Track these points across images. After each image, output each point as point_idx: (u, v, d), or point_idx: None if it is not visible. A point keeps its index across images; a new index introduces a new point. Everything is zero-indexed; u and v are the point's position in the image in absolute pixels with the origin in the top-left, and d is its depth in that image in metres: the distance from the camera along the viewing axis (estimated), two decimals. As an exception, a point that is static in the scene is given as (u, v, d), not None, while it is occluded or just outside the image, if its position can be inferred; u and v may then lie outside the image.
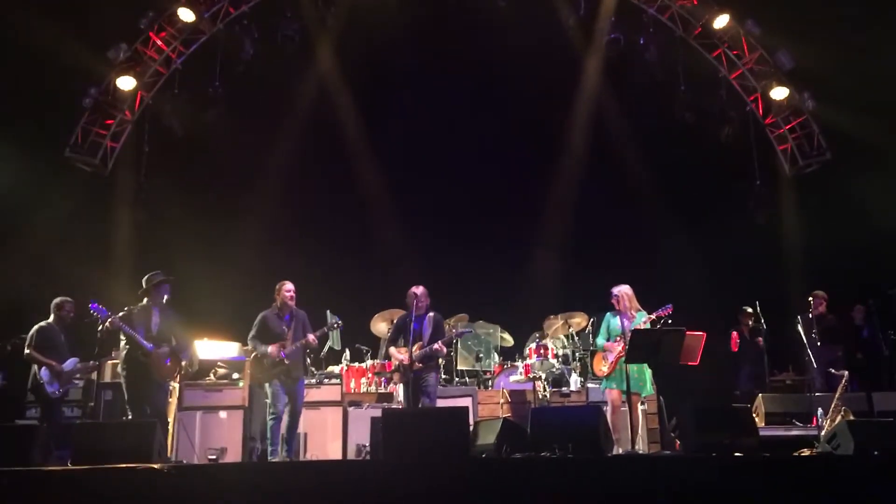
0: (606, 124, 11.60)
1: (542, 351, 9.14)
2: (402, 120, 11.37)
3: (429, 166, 11.41)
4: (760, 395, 8.63)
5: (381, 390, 9.07)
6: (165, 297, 7.73)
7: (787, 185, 11.54)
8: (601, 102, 11.68)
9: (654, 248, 11.00)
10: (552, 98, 11.47)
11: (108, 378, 8.86)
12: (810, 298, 9.34)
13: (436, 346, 7.87)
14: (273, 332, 7.90)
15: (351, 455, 8.23)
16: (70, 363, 8.10)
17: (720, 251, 10.74)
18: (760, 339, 9.48)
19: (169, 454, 7.61)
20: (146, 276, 7.79)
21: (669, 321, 7.28)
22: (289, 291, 7.96)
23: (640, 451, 7.46)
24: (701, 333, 6.92)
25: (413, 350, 7.86)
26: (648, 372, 7.38)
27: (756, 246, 10.90)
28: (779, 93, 11.31)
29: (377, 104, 11.58)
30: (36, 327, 8.10)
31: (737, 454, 5.62)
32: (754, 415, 8.35)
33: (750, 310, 9.60)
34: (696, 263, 10.66)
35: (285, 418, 7.78)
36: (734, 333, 9.98)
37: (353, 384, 9.25)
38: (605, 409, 7.49)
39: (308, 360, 8.62)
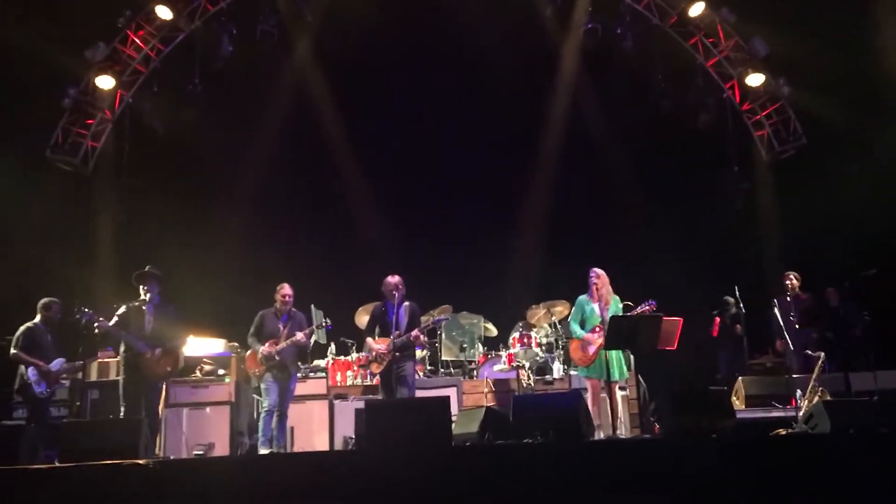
0: (584, 114, 11.68)
1: (525, 340, 9.28)
2: (380, 113, 11.45)
3: (409, 159, 11.47)
4: (740, 378, 8.75)
5: (367, 383, 9.15)
6: (149, 293, 7.74)
7: (763, 171, 11.68)
8: (579, 92, 11.76)
9: (633, 235, 11.11)
10: (530, 88, 11.54)
11: (94, 377, 8.89)
12: (787, 282, 9.50)
13: (413, 333, 7.97)
14: (268, 331, 8.08)
15: (338, 447, 8.32)
16: (57, 363, 8.10)
17: (698, 237, 10.88)
18: (738, 325, 9.65)
19: (157, 451, 7.66)
20: (135, 273, 7.83)
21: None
22: (286, 295, 8.16)
23: (621, 436, 7.57)
24: (678, 319, 7.05)
25: (393, 336, 7.93)
26: (622, 356, 7.53)
27: (734, 231, 11.04)
28: (755, 79, 11.42)
29: (356, 98, 11.59)
30: (22, 328, 8.09)
31: (714, 436, 5.74)
32: (735, 397, 8.49)
33: (731, 299, 9.76)
34: (675, 249, 10.78)
35: (276, 412, 7.89)
36: (717, 318, 10.11)
37: (338, 377, 9.33)
38: (585, 395, 7.59)
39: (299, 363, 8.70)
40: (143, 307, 7.74)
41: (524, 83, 11.33)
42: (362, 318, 9.73)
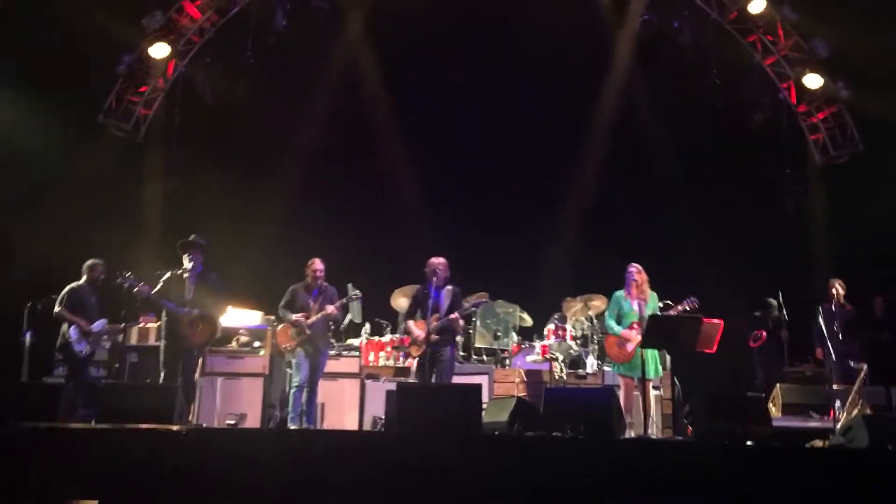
0: (635, 106, 11.50)
1: (560, 332, 9.21)
2: (429, 94, 11.36)
3: (455, 144, 11.44)
4: (779, 385, 8.61)
5: (399, 364, 9.18)
6: (192, 262, 7.83)
7: (816, 175, 11.40)
8: (631, 84, 11.57)
9: (677, 232, 10.92)
10: (581, 76, 11.37)
11: (133, 341, 9.08)
12: (832, 290, 9.30)
13: (452, 316, 7.83)
14: (299, 305, 8.12)
15: (367, 427, 8.38)
16: (99, 324, 8.25)
17: (745, 239, 10.68)
18: (784, 331, 9.48)
19: (191, 418, 7.78)
20: (180, 242, 7.94)
21: (687, 309, 7.31)
22: (316, 270, 8.15)
23: (653, 436, 7.50)
24: (718, 321, 6.94)
25: (430, 321, 7.84)
26: (658, 354, 7.45)
27: (782, 235, 10.82)
28: (813, 81, 11.12)
29: (405, 78, 11.57)
30: (67, 288, 8.26)
31: (748, 443, 5.64)
32: (771, 405, 8.36)
33: (774, 301, 9.61)
34: (720, 250, 10.58)
35: (305, 388, 7.95)
36: (763, 333, 9.92)
37: (371, 357, 9.37)
38: (618, 392, 7.52)
39: (331, 332, 8.74)
40: (185, 275, 7.84)
41: (576, 71, 11.17)
42: (398, 301, 9.77)
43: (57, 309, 8.15)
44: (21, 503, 4.89)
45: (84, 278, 8.38)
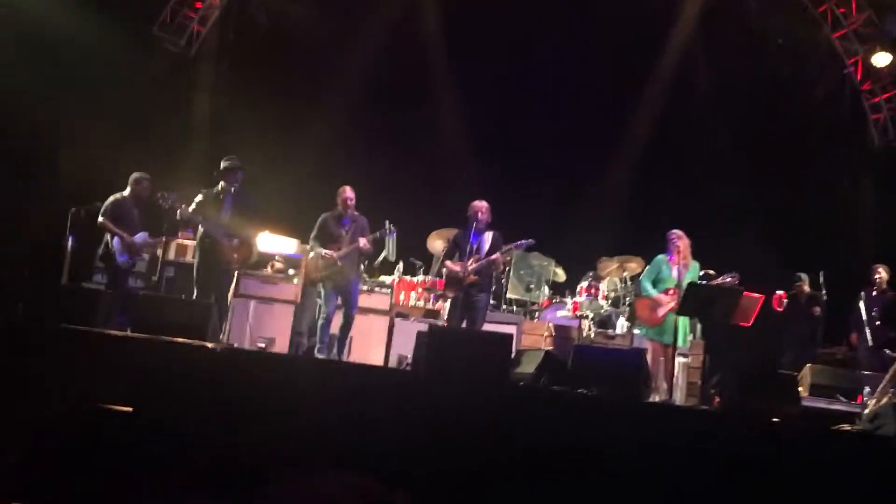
0: (693, 68, 11.22)
1: (592, 291, 9.13)
2: (485, 40, 11.15)
3: (509, 91, 11.26)
4: (809, 365, 8.50)
5: (429, 307, 9.18)
6: (234, 185, 7.84)
7: (872, 157, 11.08)
8: (691, 47, 11.26)
9: (723, 202, 10.73)
10: (641, 35, 11.08)
11: (171, 256, 9.21)
12: (875, 276, 9.10)
13: (494, 256, 7.71)
14: (331, 235, 8.04)
15: (392, 364, 8.45)
16: (140, 237, 8.27)
17: (793, 214, 10.47)
18: (817, 308, 9.30)
19: (222, 337, 7.89)
20: (223, 161, 7.93)
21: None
22: (347, 198, 8.06)
23: (677, 403, 7.48)
24: (759, 296, 6.84)
25: (468, 263, 7.74)
26: (687, 322, 7.36)
27: (831, 215, 10.58)
28: (881, 59, 10.76)
29: (465, 18, 11.32)
30: (111, 198, 8.23)
31: (775, 420, 5.61)
32: (799, 384, 8.27)
33: (804, 276, 9.42)
34: (766, 225, 10.40)
35: (339, 319, 7.99)
36: (781, 293, 9.73)
37: (402, 296, 9.36)
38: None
39: (362, 267, 8.75)
40: (222, 196, 7.82)
41: (637, 26, 10.87)
42: (434, 243, 9.74)
43: (100, 219, 8.13)
44: (56, 402, 5.01)
45: (128, 190, 8.36)
